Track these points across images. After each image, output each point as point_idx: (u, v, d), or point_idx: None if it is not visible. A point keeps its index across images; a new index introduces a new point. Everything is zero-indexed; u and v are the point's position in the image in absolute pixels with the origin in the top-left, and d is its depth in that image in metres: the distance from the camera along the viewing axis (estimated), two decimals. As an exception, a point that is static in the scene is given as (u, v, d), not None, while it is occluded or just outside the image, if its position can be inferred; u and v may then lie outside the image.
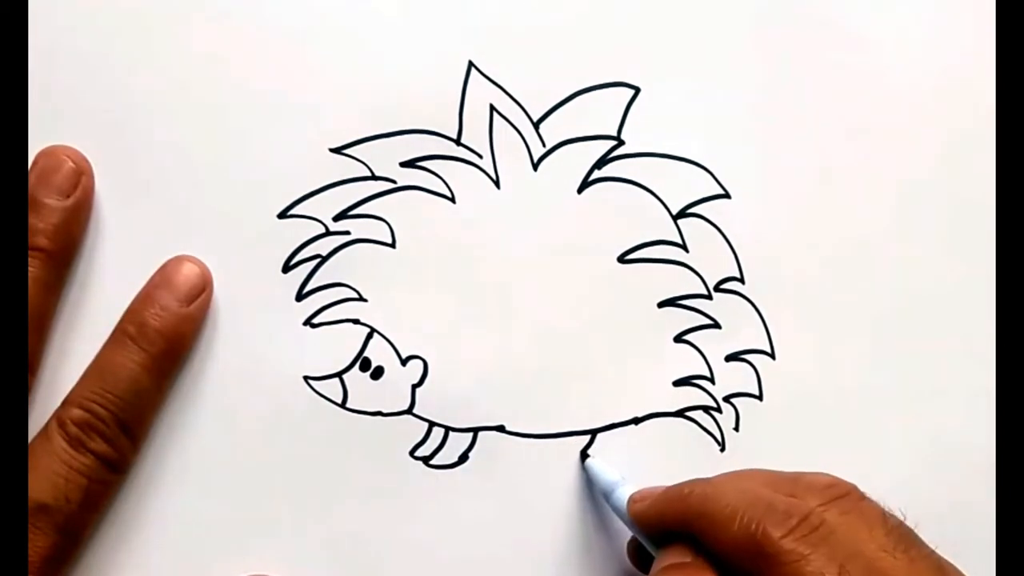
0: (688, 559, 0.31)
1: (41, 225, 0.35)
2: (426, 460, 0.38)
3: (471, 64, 0.38)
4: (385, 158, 0.38)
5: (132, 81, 0.37)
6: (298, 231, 0.38)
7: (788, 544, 0.29)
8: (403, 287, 0.38)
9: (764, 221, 0.39)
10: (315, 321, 0.38)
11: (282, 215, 0.38)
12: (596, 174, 0.39)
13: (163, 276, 0.37)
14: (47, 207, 0.35)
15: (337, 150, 0.38)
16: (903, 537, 0.30)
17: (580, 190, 0.39)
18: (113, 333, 0.36)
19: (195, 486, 0.38)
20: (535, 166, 0.38)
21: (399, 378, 0.38)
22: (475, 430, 0.39)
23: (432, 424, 0.38)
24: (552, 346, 0.39)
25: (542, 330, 0.39)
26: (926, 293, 0.40)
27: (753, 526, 0.30)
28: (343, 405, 0.38)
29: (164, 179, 0.37)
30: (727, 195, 0.39)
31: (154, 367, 0.36)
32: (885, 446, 0.40)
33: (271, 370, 0.38)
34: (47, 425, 0.35)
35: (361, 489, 0.38)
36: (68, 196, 0.36)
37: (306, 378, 0.38)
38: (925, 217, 0.40)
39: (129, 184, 0.37)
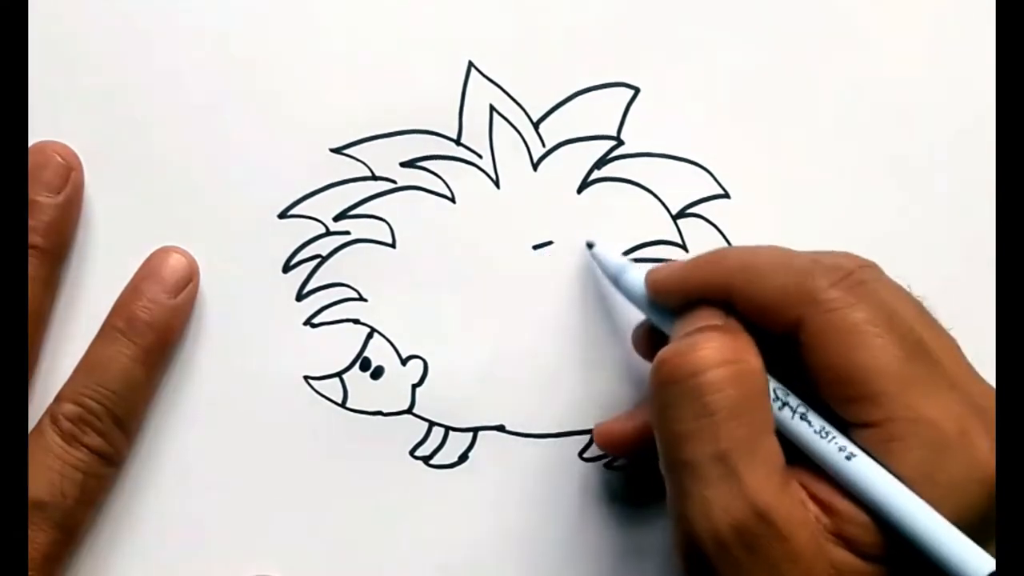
0: (719, 321, 0.31)
1: (33, 223, 0.35)
2: (426, 460, 0.38)
3: (471, 64, 0.38)
4: (385, 158, 0.38)
5: (132, 81, 0.37)
6: (298, 231, 0.38)
7: (836, 292, 0.30)
8: (403, 287, 0.38)
9: (764, 221, 0.39)
10: (315, 321, 0.38)
11: (282, 215, 0.38)
12: (596, 174, 0.39)
13: (149, 268, 0.37)
14: (38, 204, 0.36)
15: (337, 150, 0.38)
16: (925, 310, 0.31)
17: (580, 190, 0.39)
18: (102, 327, 0.36)
19: (195, 486, 0.38)
20: (535, 166, 0.39)
21: (399, 378, 0.38)
22: (475, 430, 0.39)
23: (432, 424, 0.38)
24: (552, 346, 0.39)
25: (542, 330, 0.39)
26: (926, 294, 0.40)
27: (798, 275, 0.30)
28: (343, 405, 0.38)
29: (164, 178, 0.37)
30: (727, 195, 0.39)
31: (145, 359, 0.36)
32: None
33: (271, 370, 0.38)
34: (40, 421, 0.35)
35: (361, 489, 0.38)
36: (58, 192, 0.36)
37: (306, 378, 0.38)
38: (925, 217, 0.40)
39: (129, 183, 0.37)
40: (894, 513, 0.28)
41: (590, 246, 0.38)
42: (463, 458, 0.39)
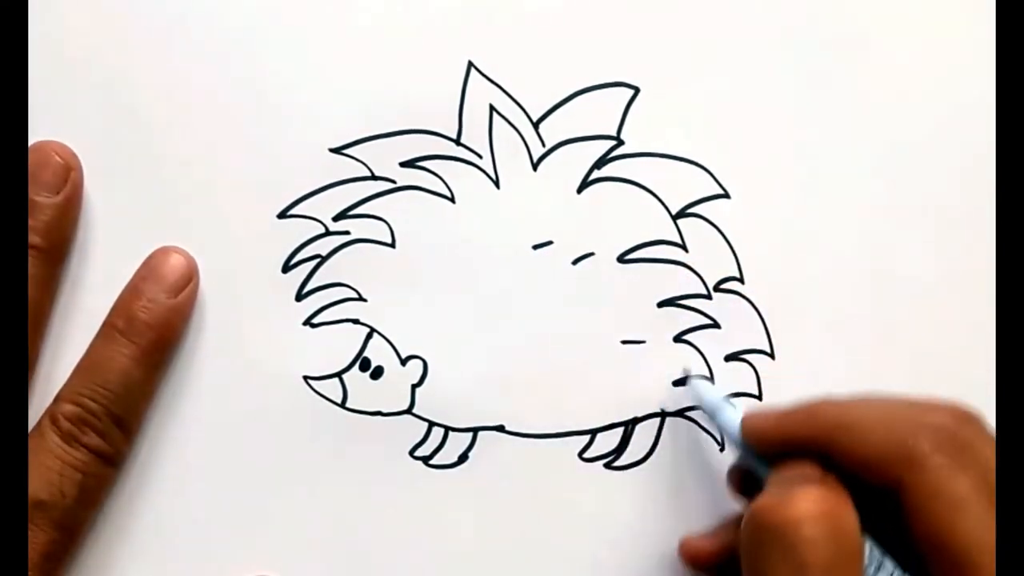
0: (818, 472, 0.31)
1: (32, 223, 0.35)
2: (426, 460, 0.38)
3: (471, 64, 0.38)
4: (385, 158, 0.38)
5: (132, 81, 0.37)
6: (298, 231, 0.38)
7: (940, 458, 0.29)
8: (403, 287, 0.38)
9: (764, 221, 0.39)
10: (315, 321, 0.38)
11: (282, 215, 0.38)
12: (596, 174, 0.39)
13: (149, 268, 0.37)
14: (37, 204, 0.36)
15: (337, 150, 0.38)
16: None
17: (580, 190, 0.39)
18: (102, 327, 0.36)
19: (195, 487, 0.38)
20: (535, 166, 0.39)
21: (399, 378, 0.38)
22: (475, 430, 0.39)
23: (432, 424, 0.38)
24: (552, 346, 0.39)
25: (542, 330, 0.39)
26: (926, 293, 0.40)
27: (900, 435, 0.30)
28: (343, 405, 0.38)
29: (164, 178, 0.37)
30: (727, 195, 0.39)
31: (144, 359, 0.36)
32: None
33: (271, 370, 0.38)
34: (40, 421, 0.35)
35: (361, 489, 0.38)
36: (57, 192, 0.36)
37: (306, 378, 0.38)
38: (925, 216, 0.40)
39: (129, 183, 0.37)
40: None
41: (685, 377, 0.38)
42: (463, 458, 0.38)
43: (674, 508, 0.39)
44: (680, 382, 0.39)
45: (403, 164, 0.38)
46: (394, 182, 0.38)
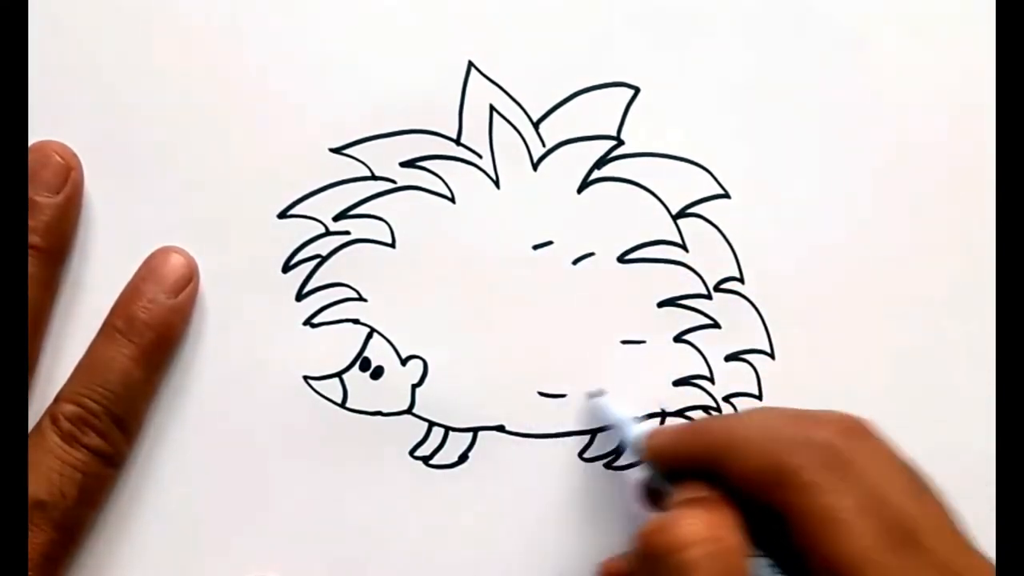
0: (706, 493, 0.31)
1: (32, 223, 0.35)
2: (426, 460, 0.38)
3: (471, 64, 0.38)
4: (385, 158, 0.38)
5: (132, 81, 0.37)
6: (298, 231, 0.38)
7: (809, 475, 0.29)
8: (403, 287, 0.38)
9: (764, 221, 0.39)
10: (315, 321, 0.38)
11: (282, 215, 0.38)
12: (596, 174, 0.39)
13: (149, 268, 0.37)
14: (37, 204, 0.36)
15: (337, 150, 0.38)
16: (918, 478, 0.31)
17: (580, 190, 0.39)
18: (102, 328, 0.36)
19: (195, 487, 0.38)
20: (535, 166, 0.39)
21: (399, 378, 0.38)
22: (475, 430, 0.39)
23: (432, 424, 0.38)
24: (552, 346, 0.39)
25: (542, 330, 0.39)
26: (926, 293, 0.40)
27: (776, 455, 0.30)
28: (343, 405, 0.38)
29: (164, 178, 0.37)
30: (727, 195, 0.39)
31: (144, 359, 0.36)
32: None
33: (271, 370, 0.38)
34: (40, 422, 0.35)
35: (361, 489, 0.38)
36: (58, 192, 0.36)
37: (306, 378, 0.38)
38: (925, 217, 0.40)
39: (128, 183, 0.37)
40: None
41: (592, 395, 0.38)
42: (463, 458, 0.38)
43: (674, 508, 0.39)
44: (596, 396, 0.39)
45: (403, 164, 0.38)
46: (394, 182, 0.38)
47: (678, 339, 0.39)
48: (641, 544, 0.30)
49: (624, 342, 0.39)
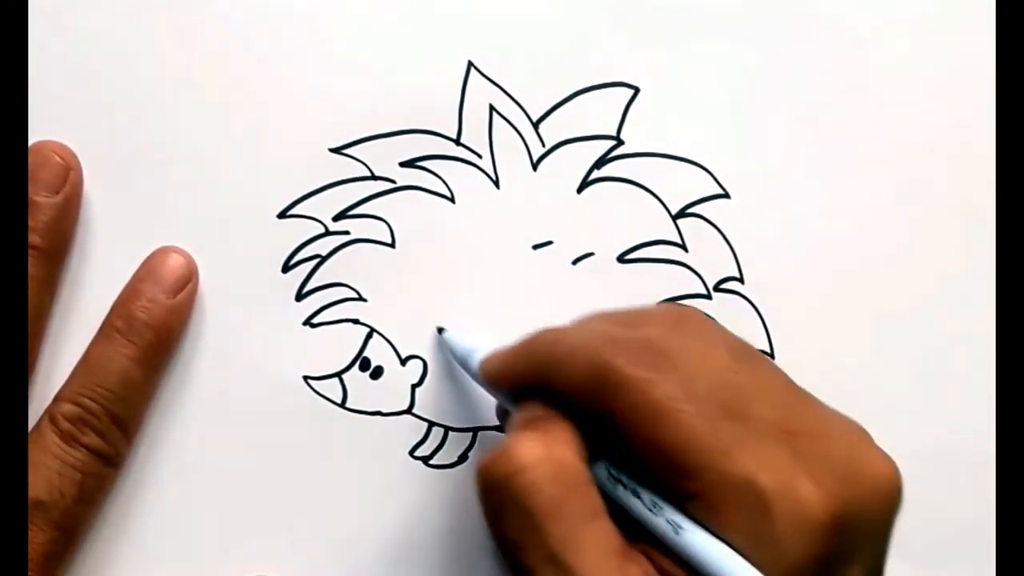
0: (540, 412, 0.31)
1: (32, 223, 0.35)
2: (426, 460, 0.38)
3: (471, 64, 0.38)
4: (385, 158, 0.38)
5: (132, 81, 0.37)
6: (298, 231, 0.38)
7: (631, 370, 0.29)
8: (403, 287, 0.38)
9: (764, 221, 0.39)
10: (315, 321, 0.38)
11: (282, 215, 0.38)
12: (596, 174, 0.39)
13: (148, 268, 0.37)
14: (36, 204, 0.36)
15: (337, 150, 0.38)
16: (745, 353, 0.31)
17: (580, 190, 0.39)
18: (101, 327, 0.36)
19: (195, 487, 0.38)
20: (535, 166, 0.39)
21: (399, 378, 0.38)
22: (475, 430, 0.39)
23: (432, 424, 0.38)
24: (552, 346, 0.39)
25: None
26: (926, 293, 0.40)
27: (597, 359, 0.30)
28: (343, 405, 0.38)
29: (164, 178, 0.37)
30: (727, 195, 0.39)
31: (143, 359, 0.36)
32: (884, 446, 0.39)
33: (271, 370, 0.38)
34: (39, 422, 0.36)
35: (361, 489, 0.38)
36: (57, 192, 0.36)
37: (306, 378, 0.38)
38: (925, 217, 0.40)
39: (129, 183, 0.37)
40: None
41: (440, 331, 0.38)
42: (463, 458, 0.39)
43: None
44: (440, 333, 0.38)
45: (403, 164, 0.38)
46: (394, 182, 0.38)
47: (678, 339, 0.39)
48: (481, 476, 0.30)
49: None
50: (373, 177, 0.38)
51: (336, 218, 0.38)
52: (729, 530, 0.28)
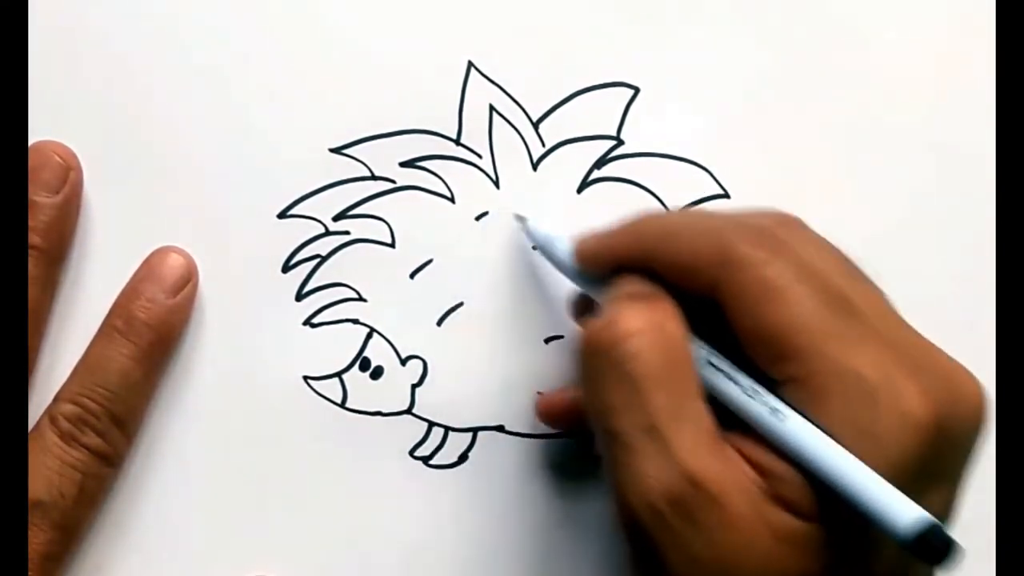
0: (643, 286, 0.31)
1: (31, 223, 0.35)
2: (426, 460, 0.38)
3: (471, 64, 0.38)
4: (385, 158, 0.38)
5: (132, 81, 0.37)
6: (298, 231, 0.38)
7: (750, 250, 0.29)
8: (403, 287, 0.38)
9: (764, 221, 0.39)
10: (315, 321, 0.38)
11: (282, 215, 0.38)
12: (596, 174, 0.39)
13: (148, 268, 0.37)
14: (36, 204, 0.36)
15: (337, 150, 0.38)
16: (850, 264, 0.31)
17: (580, 190, 0.39)
18: (101, 328, 0.36)
19: (195, 487, 0.38)
20: (535, 166, 0.39)
21: (399, 378, 0.38)
22: (475, 430, 0.39)
23: (432, 424, 0.38)
24: (552, 346, 0.39)
25: (542, 330, 0.39)
26: (926, 293, 0.40)
27: (715, 237, 0.30)
28: (343, 405, 0.38)
29: (164, 178, 0.37)
30: (727, 195, 0.39)
31: (143, 359, 0.36)
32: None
33: (271, 370, 0.38)
34: (39, 422, 0.36)
35: (361, 489, 0.38)
36: (57, 192, 0.36)
37: (306, 378, 0.38)
38: (925, 217, 0.40)
39: (129, 183, 0.37)
40: (823, 470, 0.27)
41: (520, 219, 0.38)
42: (463, 458, 0.39)
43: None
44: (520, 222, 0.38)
45: (403, 164, 0.38)
46: (394, 182, 0.38)
47: (678, 339, 0.39)
48: (584, 342, 0.30)
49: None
50: (373, 177, 0.38)
51: (336, 218, 0.38)
52: (831, 420, 0.27)
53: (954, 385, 0.29)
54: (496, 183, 0.38)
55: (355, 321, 0.38)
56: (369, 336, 0.38)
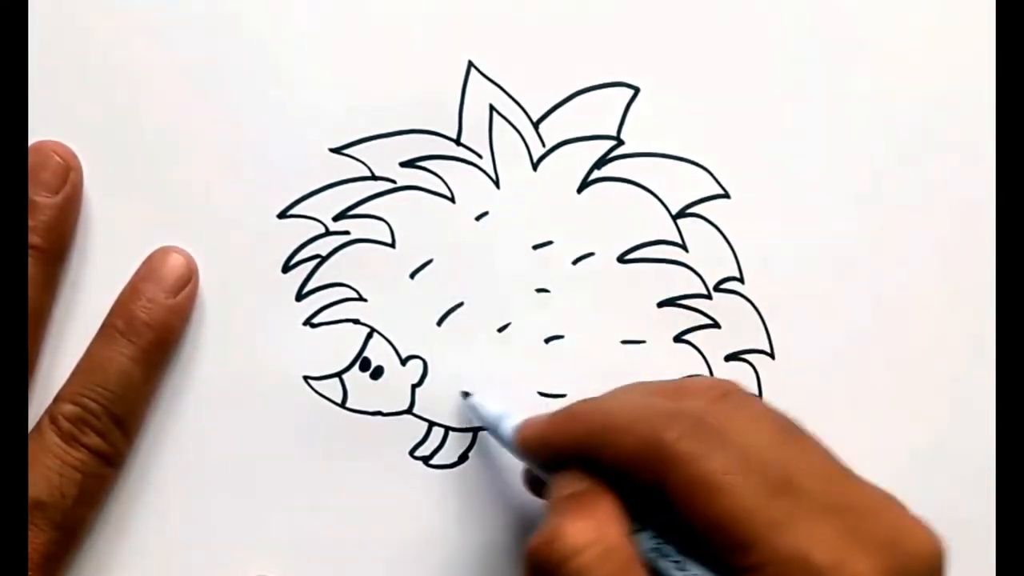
0: (584, 485, 0.31)
1: (32, 223, 0.35)
2: (426, 460, 0.38)
3: (471, 64, 0.38)
4: (385, 158, 0.38)
5: (132, 81, 0.37)
6: (298, 231, 0.38)
7: (685, 444, 0.29)
8: (403, 287, 0.38)
9: (764, 221, 0.39)
10: (315, 321, 0.38)
11: (282, 215, 0.38)
12: (596, 174, 0.39)
13: (149, 268, 0.37)
14: (36, 204, 0.36)
15: (337, 150, 0.38)
16: (789, 427, 0.31)
17: (580, 190, 0.39)
18: (102, 328, 0.36)
19: (195, 487, 0.38)
20: (535, 166, 0.39)
21: (399, 378, 0.38)
22: (475, 430, 0.39)
23: (432, 424, 0.38)
24: (551, 346, 0.39)
25: (541, 330, 0.39)
26: (927, 293, 0.40)
27: (648, 433, 0.30)
28: (343, 405, 0.38)
29: (163, 178, 0.37)
30: (727, 195, 0.39)
31: (144, 359, 0.36)
32: (885, 446, 0.39)
33: (271, 370, 0.38)
34: (39, 422, 0.36)
35: (361, 489, 0.38)
36: (57, 192, 0.36)
37: (306, 378, 0.38)
38: (926, 217, 0.40)
39: (128, 183, 0.37)
40: None
41: (465, 395, 0.38)
42: (463, 458, 0.39)
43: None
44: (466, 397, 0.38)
45: (403, 164, 0.38)
46: (394, 182, 0.38)
47: (678, 339, 0.39)
48: (530, 558, 0.30)
49: (624, 342, 0.39)
50: (373, 177, 0.38)
51: (336, 218, 0.38)
52: None
53: (902, 542, 0.29)
54: (496, 183, 0.38)
55: (355, 321, 0.38)
56: (369, 336, 0.38)
